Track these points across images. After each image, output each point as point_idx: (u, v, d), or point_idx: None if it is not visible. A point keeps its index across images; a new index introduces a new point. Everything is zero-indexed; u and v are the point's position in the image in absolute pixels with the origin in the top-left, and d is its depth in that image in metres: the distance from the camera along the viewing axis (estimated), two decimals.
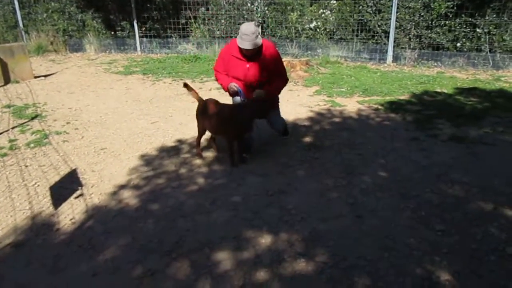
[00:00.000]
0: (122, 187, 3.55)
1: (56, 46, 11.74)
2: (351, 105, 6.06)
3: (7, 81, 7.82)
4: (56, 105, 6.27)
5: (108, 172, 3.84)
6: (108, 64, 9.89)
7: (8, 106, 6.14)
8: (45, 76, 8.53)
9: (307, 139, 4.65)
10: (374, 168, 3.83)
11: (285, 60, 8.36)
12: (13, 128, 5.15)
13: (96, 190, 3.48)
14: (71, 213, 3.09)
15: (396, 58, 9.21)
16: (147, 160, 4.13)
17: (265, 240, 2.74)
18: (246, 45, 3.66)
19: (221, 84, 4.06)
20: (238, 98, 3.93)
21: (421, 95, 6.56)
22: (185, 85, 4.06)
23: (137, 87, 7.49)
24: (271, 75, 3.91)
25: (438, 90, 6.89)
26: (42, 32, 11.59)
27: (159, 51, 11.28)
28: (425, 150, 4.28)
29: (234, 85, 3.86)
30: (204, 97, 4.12)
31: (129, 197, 3.35)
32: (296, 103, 6.17)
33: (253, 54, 3.79)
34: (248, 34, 3.64)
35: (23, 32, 11.62)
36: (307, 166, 3.91)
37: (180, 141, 4.68)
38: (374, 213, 3.04)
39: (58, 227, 2.90)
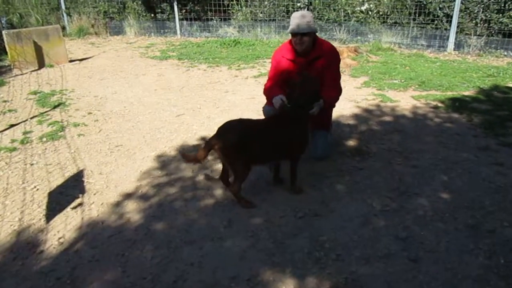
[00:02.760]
0: (128, 196, 3.05)
1: (97, 28, 11.55)
2: (405, 100, 5.21)
3: (41, 65, 7.63)
4: (83, 92, 5.93)
5: (117, 176, 3.37)
6: (146, 48, 9.52)
7: (35, 93, 5.87)
8: (80, 60, 8.29)
9: (351, 143, 3.93)
10: (433, 187, 3.07)
11: None
12: (32, 117, 4.83)
13: (98, 199, 3.00)
14: (62, 229, 2.62)
15: (458, 46, 8.09)
16: (163, 162, 3.61)
17: (287, 286, 2.12)
18: (296, 26, 3.02)
19: (266, 96, 3.39)
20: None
21: (490, 90, 5.57)
22: (183, 156, 2.95)
23: (170, 73, 7.03)
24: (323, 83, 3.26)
25: (511, 85, 5.84)
26: (83, 14, 11.43)
27: (199, 35, 10.77)
28: (499, 164, 3.44)
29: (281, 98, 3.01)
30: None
31: (133, 211, 2.84)
32: (341, 97, 5.40)
33: (307, 48, 3.15)
34: (297, 17, 3.05)
35: (65, 15, 11.52)
36: (348, 180, 3.21)
37: (204, 139, 4.12)
38: (434, 256, 2.32)
39: (42, 248, 2.45)
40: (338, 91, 3.35)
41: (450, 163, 3.46)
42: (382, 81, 6.09)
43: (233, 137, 2.68)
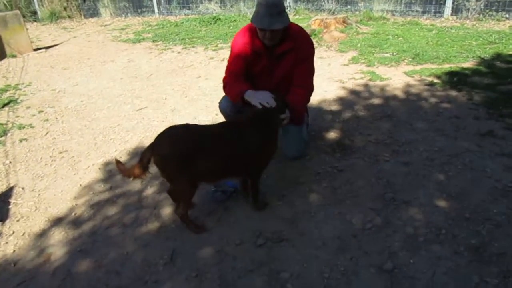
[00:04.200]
0: (58, 221, 2.52)
1: (70, 11, 10.82)
2: (397, 78, 4.60)
3: (2, 55, 6.98)
4: (41, 86, 5.33)
5: (51, 193, 2.83)
6: (120, 31, 8.83)
7: None
8: (47, 48, 7.63)
9: (332, 135, 3.36)
10: (427, 192, 2.52)
11: (317, 18, 6.86)
12: None
13: (21, 228, 2.48)
14: None
15: (456, 10, 7.37)
16: (109, 171, 3.06)
17: None
18: (267, 22, 2.38)
19: (228, 95, 2.78)
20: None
21: (492, 60, 4.93)
22: (118, 166, 2.33)
23: (140, 58, 6.40)
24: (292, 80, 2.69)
25: None
26: None
27: (179, 13, 10.03)
28: (507, 155, 2.87)
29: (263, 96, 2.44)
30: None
31: (58, 244, 2.31)
32: (324, 76, 4.80)
33: (275, 41, 2.53)
34: (267, 6, 2.36)
35: None
36: (325, 186, 2.66)
37: None
38: None
39: None
40: (308, 91, 2.76)
41: (447, 157, 2.90)
42: (372, 55, 5.45)
43: (173, 147, 2.12)
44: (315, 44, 6.28)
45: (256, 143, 2.25)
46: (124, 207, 2.60)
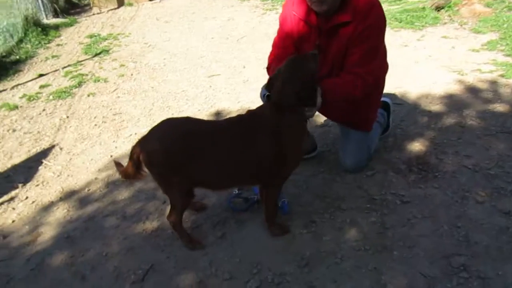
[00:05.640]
0: (69, 195, 2.37)
1: None
2: None
3: (120, 3, 7.28)
4: (137, 38, 5.36)
5: (81, 160, 2.70)
6: None
7: (91, 36, 5.50)
8: None
9: (416, 145, 2.55)
10: None
11: None
12: (64, 67, 4.43)
13: (34, 195, 2.39)
14: None
15: None
16: None
17: None
18: None
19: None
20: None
21: None
22: (116, 166, 2.00)
23: (241, 17, 6.00)
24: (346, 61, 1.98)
25: None
26: None
27: None
28: None
29: None
30: None
31: (53, 223, 2.15)
32: (439, 62, 3.78)
33: (331, 8, 1.89)
34: None
35: None
36: (374, 221, 1.97)
37: (218, 114, 3.17)
38: None
39: None
40: (362, 81, 1.93)
41: None
42: None
43: (163, 144, 1.69)
44: (445, 18, 5.09)
45: (270, 143, 1.70)
46: (136, 194, 2.31)
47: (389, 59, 2.23)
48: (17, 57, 4.74)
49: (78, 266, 1.84)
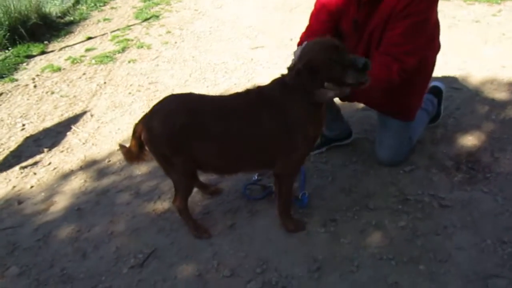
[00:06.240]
0: (90, 165, 2.33)
1: None
2: None
3: None
4: (188, 4, 5.20)
5: (108, 130, 2.65)
6: None
7: (145, 0, 5.43)
8: None
9: (470, 140, 2.19)
10: None
11: None
12: (113, 31, 4.41)
13: (56, 161, 2.38)
14: None
15: None
16: None
17: None
18: None
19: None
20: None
21: None
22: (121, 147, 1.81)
23: None
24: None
25: None
26: None
27: None
28: None
29: None
30: None
31: (68, 193, 2.12)
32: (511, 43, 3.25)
33: None
34: None
35: None
36: (403, 226, 1.71)
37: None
38: None
39: None
40: (398, 64, 1.63)
41: None
42: None
43: (164, 123, 1.54)
44: None
45: (276, 123, 1.52)
46: (153, 170, 2.21)
47: (455, 36, 1.88)
48: (72, 18, 4.81)
49: (82, 243, 1.78)
